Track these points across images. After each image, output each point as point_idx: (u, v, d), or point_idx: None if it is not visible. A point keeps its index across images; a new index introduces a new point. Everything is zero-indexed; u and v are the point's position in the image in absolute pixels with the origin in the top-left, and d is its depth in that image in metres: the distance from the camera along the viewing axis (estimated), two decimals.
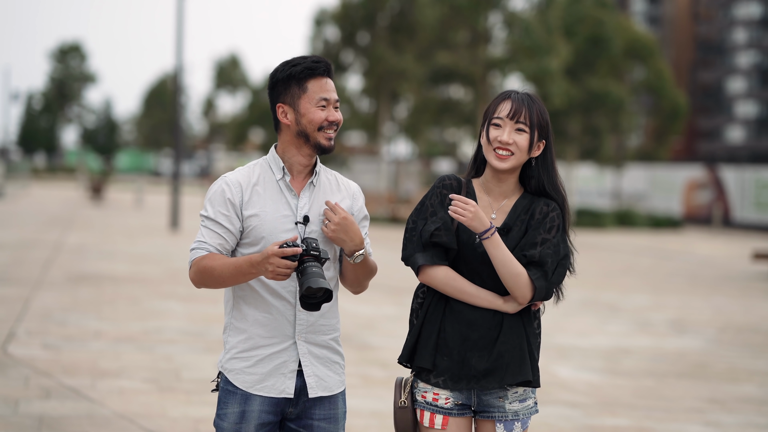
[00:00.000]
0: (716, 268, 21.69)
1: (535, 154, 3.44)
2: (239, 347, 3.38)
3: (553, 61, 32.70)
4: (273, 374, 3.35)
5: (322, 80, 3.39)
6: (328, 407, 3.41)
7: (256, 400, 3.34)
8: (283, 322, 3.35)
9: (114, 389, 7.43)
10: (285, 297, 3.35)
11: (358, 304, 12.27)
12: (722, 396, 8.41)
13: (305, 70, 3.38)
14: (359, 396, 7.57)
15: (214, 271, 3.29)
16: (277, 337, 3.35)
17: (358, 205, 3.49)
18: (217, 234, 3.35)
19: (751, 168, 39.58)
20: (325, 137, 3.38)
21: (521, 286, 3.33)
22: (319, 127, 3.37)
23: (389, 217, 33.06)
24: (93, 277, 14.18)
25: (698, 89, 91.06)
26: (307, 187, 3.41)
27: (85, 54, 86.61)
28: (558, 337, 10.94)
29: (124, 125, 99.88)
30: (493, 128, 3.41)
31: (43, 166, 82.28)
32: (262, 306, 3.36)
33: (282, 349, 3.35)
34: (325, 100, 3.38)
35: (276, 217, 3.35)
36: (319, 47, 39.14)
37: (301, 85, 3.39)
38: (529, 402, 3.46)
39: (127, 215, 31.33)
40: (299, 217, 3.36)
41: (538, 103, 3.43)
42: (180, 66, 27.21)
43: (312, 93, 3.38)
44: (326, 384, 3.40)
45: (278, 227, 3.34)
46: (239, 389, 3.36)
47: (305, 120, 3.38)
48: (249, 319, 3.37)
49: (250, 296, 3.37)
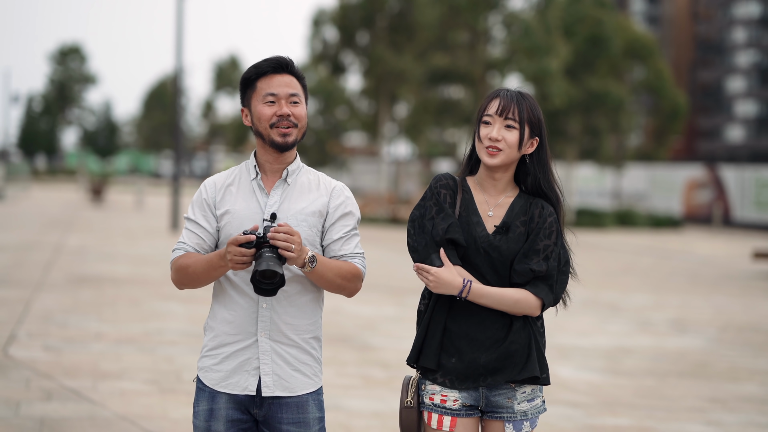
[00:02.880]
0: (717, 268, 21.69)
1: (529, 151, 3.45)
2: (209, 345, 3.43)
3: (553, 61, 32.71)
4: (237, 371, 3.36)
5: (272, 78, 3.39)
6: (296, 411, 3.37)
7: (222, 397, 3.37)
8: (247, 320, 3.36)
9: (115, 391, 7.43)
10: (248, 294, 3.36)
11: (359, 305, 12.27)
12: (723, 395, 8.41)
13: (253, 69, 3.42)
14: (360, 397, 7.57)
15: (189, 268, 3.35)
16: (240, 334, 3.37)
17: (336, 202, 3.44)
18: (195, 234, 3.42)
19: (751, 167, 39.57)
20: (278, 133, 3.37)
21: (525, 308, 3.37)
22: (270, 124, 3.37)
23: (389, 218, 33.06)
24: (94, 279, 14.18)
25: (698, 89, 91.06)
26: (278, 186, 3.41)
27: (84, 56, 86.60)
28: (559, 337, 10.94)
29: (124, 127, 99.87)
30: (483, 126, 3.43)
31: (44, 168, 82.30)
32: (229, 304, 3.39)
33: (245, 346, 3.36)
34: (272, 95, 3.38)
35: (245, 215, 3.37)
36: (318, 48, 39.16)
37: (252, 86, 3.43)
38: (537, 401, 3.46)
39: (128, 217, 31.33)
40: (266, 214, 3.36)
41: (528, 100, 3.44)
42: (180, 67, 27.22)
43: (260, 90, 3.40)
44: (287, 384, 3.36)
45: (246, 224, 3.36)
46: (207, 388, 3.39)
47: (255, 118, 3.41)
48: (218, 318, 3.41)
49: (221, 295, 3.42)
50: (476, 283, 3.34)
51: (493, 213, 3.44)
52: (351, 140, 63.70)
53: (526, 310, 3.36)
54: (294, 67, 3.44)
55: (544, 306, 3.38)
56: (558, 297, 3.42)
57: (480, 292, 3.33)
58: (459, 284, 3.31)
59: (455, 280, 3.32)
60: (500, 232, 3.40)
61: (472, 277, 3.35)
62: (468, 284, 3.32)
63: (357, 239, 3.46)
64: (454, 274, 3.33)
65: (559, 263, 3.41)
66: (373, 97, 40.01)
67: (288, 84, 3.39)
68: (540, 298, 3.36)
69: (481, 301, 3.33)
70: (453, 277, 3.32)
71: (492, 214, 3.44)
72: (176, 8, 26.48)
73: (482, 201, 3.46)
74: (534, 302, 3.36)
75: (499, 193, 3.47)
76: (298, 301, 3.39)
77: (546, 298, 3.36)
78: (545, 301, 3.37)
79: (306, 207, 3.40)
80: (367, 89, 39.64)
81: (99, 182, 41.49)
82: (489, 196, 3.47)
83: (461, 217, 3.41)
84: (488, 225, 3.42)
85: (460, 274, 3.34)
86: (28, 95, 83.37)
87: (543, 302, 3.37)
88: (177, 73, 27.45)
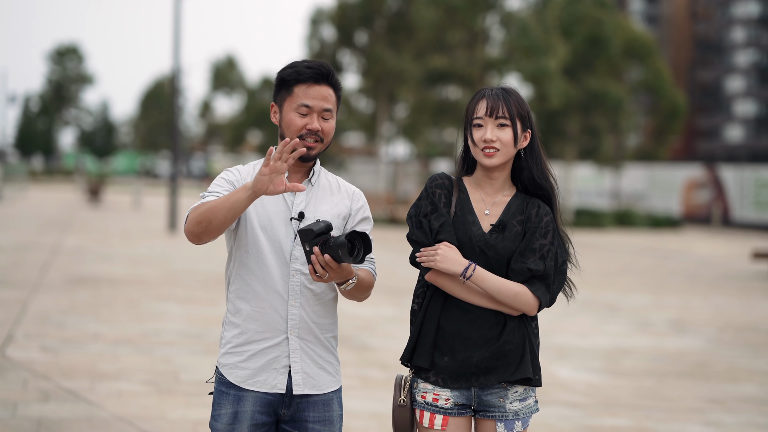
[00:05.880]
0: (716, 268, 21.69)
1: (523, 145, 3.45)
2: (233, 342, 3.38)
3: (551, 61, 32.70)
4: (265, 369, 3.33)
5: (311, 87, 3.34)
6: (322, 409, 3.38)
7: (249, 400, 3.33)
8: (276, 317, 3.34)
9: (113, 391, 7.41)
10: (278, 291, 3.34)
11: (358, 305, 12.26)
12: (722, 396, 8.40)
13: (294, 73, 3.36)
14: (358, 397, 7.56)
15: (207, 204, 3.20)
16: (269, 332, 3.34)
17: (357, 205, 3.46)
18: (222, 190, 3.31)
19: (750, 167, 39.59)
20: (302, 145, 3.30)
21: (524, 302, 3.35)
22: (299, 135, 3.33)
23: (388, 218, 33.04)
24: (91, 280, 14.15)
25: (697, 88, 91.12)
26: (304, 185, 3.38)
27: (82, 56, 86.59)
28: (557, 338, 10.93)
29: (122, 127, 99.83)
30: (475, 129, 3.42)
31: (41, 168, 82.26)
32: (254, 301, 3.35)
33: (274, 344, 3.34)
34: (306, 107, 3.33)
35: (272, 210, 3.34)
36: (316, 47, 39.17)
37: (288, 89, 3.37)
38: (529, 401, 3.46)
39: (125, 217, 31.31)
40: (294, 213, 3.34)
41: (514, 95, 3.43)
42: (177, 68, 27.20)
43: (295, 98, 3.35)
44: (315, 382, 3.37)
45: (272, 221, 3.33)
46: (232, 390, 3.35)
47: (284, 123, 3.37)
48: (243, 314, 3.37)
49: (245, 291, 3.37)
50: (480, 268, 3.34)
51: (489, 211, 3.45)
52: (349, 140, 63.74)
53: (523, 306, 3.35)
54: (334, 78, 3.39)
55: (541, 305, 3.38)
56: (554, 297, 3.43)
57: (484, 275, 3.33)
58: (465, 261, 3.32)
59: (461, 257, 3.33)
60: (496, 230, 3.40)
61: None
62: (473, 265, 3.32)
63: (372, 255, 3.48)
64: (459, 254, 3.33)
65: (556, 263, 3.41)
66: (371, 97, 40.04)
67: (325, 97, 3.35)
68: (537, 297, 3.36)
69: (484, 285, 3.32)
70: (459, 254, 3.33)
71: (489, 212, 3.44)
72: (173, 8, 26.46)
73: (479, 200, 3.46)
74: (532, 299, 3.35)
75: (496, 191, 3.47)
76: (324, 300, 3.39)
77: (543, 297, 3.37)
78: (542, 301, 3.37)
79: (330, 209, 3.40)
80: (365, 89, 39.66)
81: (96, 182, 41.46)
82: (486, 194, 3.47)
83: (456, 216, 3.41)
84: (484, 224, 3.42)
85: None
86: (25, 95, 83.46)
87: (540, 301, 3.36)
88: (174, 73, 27.43)
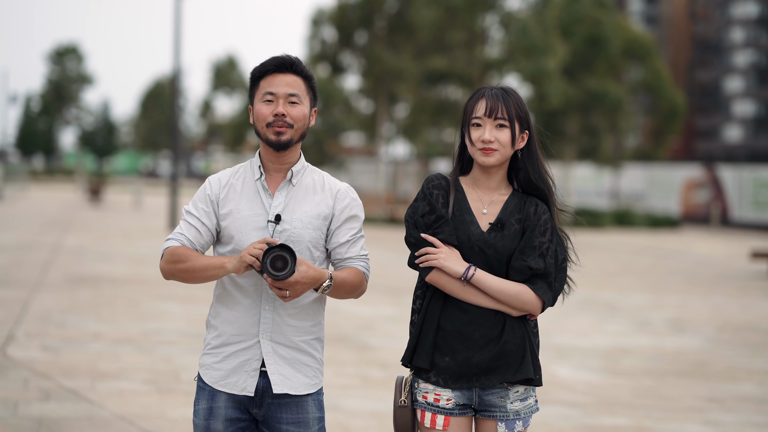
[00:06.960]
0: (715, 267, 21.70)
1: (520, 145, 3.45)
2: (212, 343, 3.43)
3: (551, 61, 32.71)
4: (237, 371, 3.37)
5: (275, 76, 3.37)
6: (295, 411, 3.38)
7: (222, 398, 3.38)
8: (249, 321, 3.37)
9: (113, 391, 7.43)
10: (251, 295, 3.36)
11: (357, 305, 12.27)
12: (721, 395, 8.41)
13: (259, 68, 3.41)
14: (358, 397, 7.58)
15: (186, 262, 3.30)
16: (242, 335, 3.37)
17: (341, 204, 3.43)
18: (194, 228, 3.39)
19: (749, 167, 39.59)
20: (272, 132, 3.35)
21: (526, 302, 3.36)
22: (267, 123, 3.35)
23: (387, 218, 33.05)
24: (92, 279, 14.17)
25: (696, 89, 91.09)
26: (283, 186, 3.40)
27: (82, 55, 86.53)
28: (557, 337, 10.95)
29: (122, 127, 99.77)
30: (474, 129, 3.42)
31: (42, 168, 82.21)
32: (231, 304, 3.39)
33: (247, 347, 3.37)
34: (270, 94, 3.36)
35: (248, 215, 3.36)
36: (317, 48, 39.16)
37: (256, 83, 3.42)
38: (530, 401, 3.46)
39: (126, 217, 31.31)
40: (271, 216, 3.35)
41: (513, 96, 3.43)
42: (177, 67, 27.19)
43: (261, 89, 3.39)
44: (292, 383, 3.37)
45: (249, 224, 3.35)
46: (207, 387, 3.40)
47: (255, 116, 3.40)
48: (221, 317, 3.41)
49: (224, 295, 3.41)
50: (480, 270, 3.35)
51: (487, 210, 3.45)
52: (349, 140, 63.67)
53: (526, 305, 3.36)
54: (299, 67, 3.40)
55: (544, 305, 3.38)
56: (557, 296, 3.43)
57: (484, 277, 3.34)
58: (464, 263, 3.34)
59: (461, 259, 3.35)
60: (495, 229, 3.40)
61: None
62: (473, 267, 3.34)
63: (362, 241, 3.47)
64: (460, 256, 3.36)
65: (557, 261, 3.41)
66: (371, 97, 40.03)
67: (289, 84, 3.36)
68: (539, 296, 3.36)
69: (486, 286, 3.33)
70: (459, 256, 3.35)
71: (486, 211, 3.45)
72: (174, 8, 26.46)
73: (476, 199, 3.46)
74: (534, 298, 3.36)
75: (493, 190, 3.47)
76: (300, 303, 3.38)
77: (544, 296, 3.37)
78: (544, 299, 3.37)
79: (311, 209, 3.39)
80: (365, 89, 39.65)
81: (97, 182, 41.46)
82: (483, 194, 3.47)
83: (455, 216, 3.42)
84: (482, 223, 3.42)
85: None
86: (26, 95, 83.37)
87: (543, 300, 3.37)
88: (175, 72, 27.42)
